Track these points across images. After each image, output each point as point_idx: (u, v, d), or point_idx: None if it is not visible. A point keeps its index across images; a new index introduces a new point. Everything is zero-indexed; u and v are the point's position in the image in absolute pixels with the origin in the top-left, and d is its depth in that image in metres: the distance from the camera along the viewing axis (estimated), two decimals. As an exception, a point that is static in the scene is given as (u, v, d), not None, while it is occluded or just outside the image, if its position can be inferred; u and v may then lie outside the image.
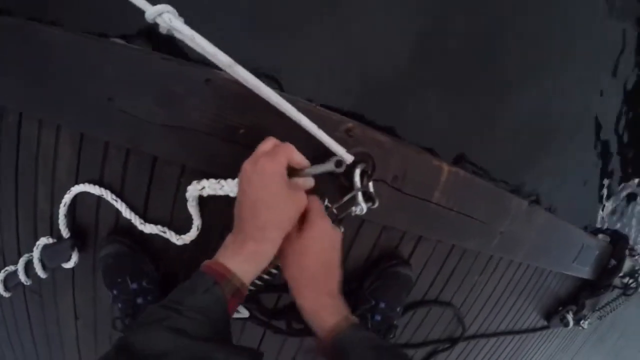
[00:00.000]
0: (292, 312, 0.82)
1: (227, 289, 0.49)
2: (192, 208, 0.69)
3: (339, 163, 0.58)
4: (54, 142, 0.76)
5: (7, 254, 0.95)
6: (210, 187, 0.64)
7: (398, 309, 0.82)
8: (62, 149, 0.76)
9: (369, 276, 0.81)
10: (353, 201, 0.64)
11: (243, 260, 0.52)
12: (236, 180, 0.62)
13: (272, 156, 0.53)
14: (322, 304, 0.57)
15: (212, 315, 0.47)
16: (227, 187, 0.63)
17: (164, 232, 0.74)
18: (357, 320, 0.56)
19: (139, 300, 0.76)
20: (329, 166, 0.58)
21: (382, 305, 0.78)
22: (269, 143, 0.56)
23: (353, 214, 0.64)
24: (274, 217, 0.53)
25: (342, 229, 0.65)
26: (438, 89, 1.55)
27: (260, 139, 0.63)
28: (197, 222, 0.71)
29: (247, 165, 0.53)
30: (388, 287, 0.79)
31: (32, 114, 0.75)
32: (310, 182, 0.59)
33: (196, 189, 0.65)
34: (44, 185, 0.81)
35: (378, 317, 0.78)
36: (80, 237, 0.82)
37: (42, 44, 0.67)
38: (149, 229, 0.75)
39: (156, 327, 0.43)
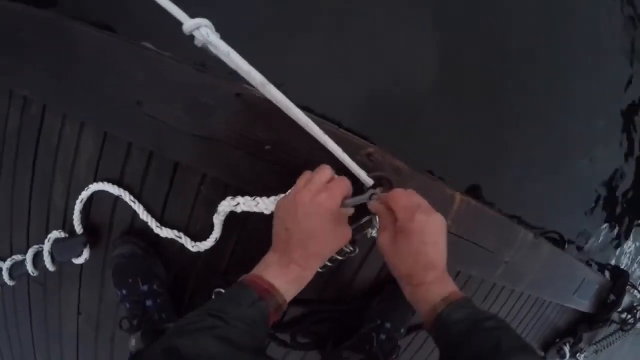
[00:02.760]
0: (297, 326, 0.83)
1: (271, 305, 0.51)
2: (218, 221, 0.70)
3: (373, 196, 0.60)
4: (77, 137, 0.77)
5: (15, 243, 0.96)
6: (246, 204, 0.65)
7: (402, 330, 0.82)
8: (84, 145, 0.77)
9: (376, 296, 0.82)
10: (369, 223, 0.65)
11: (287, 282, 0.54)
12: (272, 198, 0.64)
13: (331, 192, 0.56)
14: (422, 293, 0.58)
15: (255, 326, 0.48)
16: (262, 205, 0.64)
17: (180, 238, 0.75)
18: (459, 297, 0.57)
19: (149, 303, 0.76)
20: (364, 198, 0.60)
21: (388, 325, 0.79)
22: (327, 173, 0.58)
23: (369, 236, 0.65)
24: (323, 250, 0.57)
25: (357, 250, 0.66)
26: (451, 115, 1.58)
27: (285, 156, 0.65)
28: (217, 234, 0.72)
29: (305, 196, 0.55)
30: (395, 308, 0.80)
31: (56, 108, 0.76)
32: (351, 211, 0.62)
33: (230, 205, 0.67)
34: (61, 179, 0.82)
35: (383, 337, 0.78)
36: (93, 234, 0.83)
37: (76, 41, 0.68)
38: (165, 233, 0.75)
39: (205, 335, 0.44)
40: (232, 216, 0.71)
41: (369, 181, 0.63)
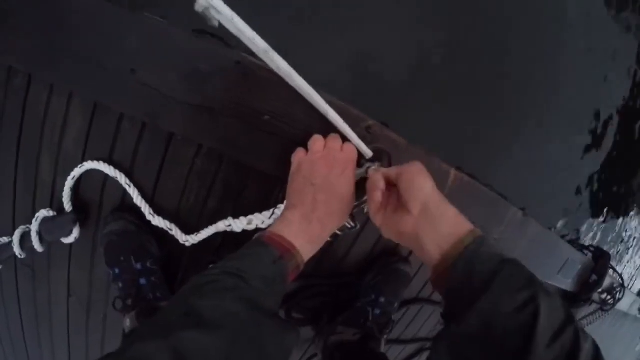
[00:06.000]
0: (291, 301, 0.83)
1: (290, 264, 0.50)
2: (211, 230, 0.73)
3: (369, 169, 0.61)
4: (64, 109, 0.73)
5: (0, 224, 0.92)
6: (237, 225, 0.70)
7: (396, 305, 0.84)
8: (72, 118, 0.74)
9: (370, 271, 0.83)
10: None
11: (308, 242, 0.53)
12: (265, 213, 0.68)
13: (352, 158, 0.59)
14: (424, 254, 0.51)
15: (274, 287, 0.47)
16: (257, 221, 0.69)
17: (171, 230, 0.74)
18: (468, 242, 0.47)
19: (142, 281, 0.75)
20: (362, 172, 0.62)
21: (382, 299, 0.80)
22: (340, 141, 0.60)
23: (366, 211, 0.65)
24: (345, 210, 0.58)
25: (357, 226, 0.66)
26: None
27: (284, 126, 0.64)
28: (210, 232, 0.73)
29: (330, 154, 0.57)
30: (388, 282, 0.81)
31: (43, 78, 0.73)
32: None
33: (224, 226, 0.71)
34: (48, 154, 0.79)
35: (378, 311, 0.80)
36: (82, 211, 0.81)
37: (64, 6, 0.65)
38: (157, 221, 0.74)
39: (227, 296, 0.41)
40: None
41: (368, 152, 0.63)
